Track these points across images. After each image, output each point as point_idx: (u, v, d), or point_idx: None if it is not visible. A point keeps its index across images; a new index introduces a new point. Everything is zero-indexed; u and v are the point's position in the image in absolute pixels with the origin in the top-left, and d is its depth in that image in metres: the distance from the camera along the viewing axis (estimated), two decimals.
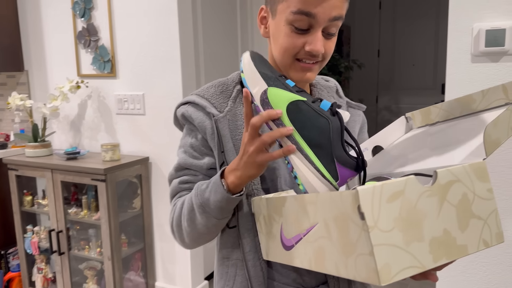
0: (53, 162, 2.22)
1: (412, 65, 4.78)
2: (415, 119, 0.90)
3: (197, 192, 0.80)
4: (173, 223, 0.88)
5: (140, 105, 2.29)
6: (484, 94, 0.76)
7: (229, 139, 0.85)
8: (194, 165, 0.88)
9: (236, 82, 0.92)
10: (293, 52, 0.80)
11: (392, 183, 0.52)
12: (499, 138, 0.60)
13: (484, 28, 1.49)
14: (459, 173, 0.57)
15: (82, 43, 2.38)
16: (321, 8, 0.75)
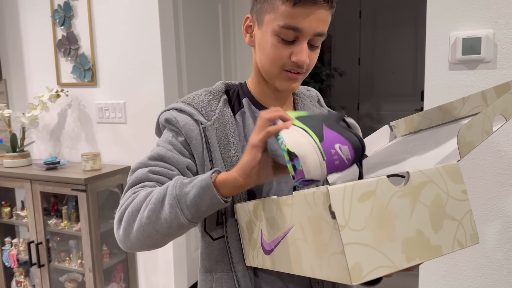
0: (32, 173, 2.17)
1: (392, 72, 4.86)
2: (399, 127, 0.92)
3: (176, 183, 0.75)
4: (125, 211, 0.77)
5: (121, 114, 2.27)
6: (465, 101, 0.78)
7: (217, 147, 0.85)
8: (174, 159, 0.83)
9: (222, 92, 0.92)
10: (280, 63, 0.81)
11: (363, 182, 0.53)
12: (473, 141, 0.61)
13: (460, 37, 1.53)
14: (432, 174, 0.58)
15: (62, 52, 2.35)
16: (307, 23, 0.77)
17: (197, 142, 0.85)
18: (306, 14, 0.77)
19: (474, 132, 0.61)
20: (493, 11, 1.49)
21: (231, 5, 2.95)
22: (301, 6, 0.76)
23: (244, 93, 0.92)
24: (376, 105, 5.02)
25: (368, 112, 5.08)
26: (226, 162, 0.85)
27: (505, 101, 0.65)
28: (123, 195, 0.83)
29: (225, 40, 2.92)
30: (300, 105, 0.96)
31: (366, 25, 4.93)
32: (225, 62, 2.92)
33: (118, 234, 0.79)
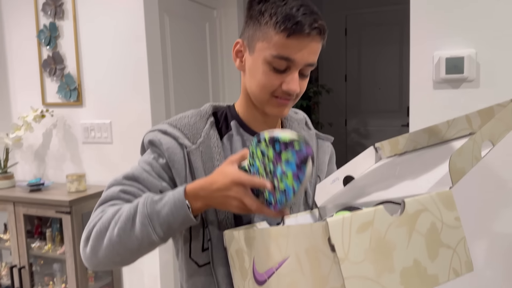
0: (16, 195, 2.13)
1: (378, 88, 4.91)
2: (384, 149, 0.92)
3: (146, 201, 0.74)
4: (93, 229, 0.77)
5: (107, 134, 2.25)
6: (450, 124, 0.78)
7: (202, 171, 0.84)
8: (149, 182, 0.83)
9: (209, 114, 0.91)
10: (271, 90, 0.82)
11: (361, 213, 0.52)
12: (464, 167, 0.61)
13: (444, 56, 1.55)
14: (427, 202, 0.58)
15: (47, 71, 2.33)
16: (300, 54, 0.78)
17: (180, 167, 0.84)
18: (299, 46, 0.77)
19: (464, 159, 0.61)
20: (474, 31, 1.52)
21: (218, 24, 2.97)
22: (294, 38, 0.76)
23: (232, 115, 0.92)
24: (363, 121, 5.06)
25: (356, 128, 5.12)
26: None
27: (492, 127, 0.66)
28: (93, 212, 0.81)
29: (213, 59, 2.93)
30: (288, 127, 0.96)
31: (352, 43, 5.00)
32: (212, 80, 2.93)
33: (84, 252, 0.78)
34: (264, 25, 0.79)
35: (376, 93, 4.93)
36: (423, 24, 1.58)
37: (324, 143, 1.02)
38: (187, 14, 2.65)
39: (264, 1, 0.80)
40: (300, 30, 0.75)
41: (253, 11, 0.81)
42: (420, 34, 1.59)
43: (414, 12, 1.59)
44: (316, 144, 1.00)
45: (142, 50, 2.11)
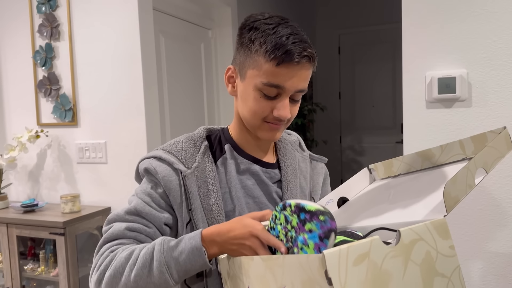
0: (9, 216, 2.10)
1: (372, 106, 4.96)
2: (378, 171, 0.93)
3: (162, 248, 0.74)
4: (104, 272, 0.76)
5: (102, 154, 2.24)
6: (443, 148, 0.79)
7: (197, 196, 0.84)
8: (151, 215, 0.83)
9: (203, 138, 0.92)
10: (262, 116, 0.83)
11: (357, 245, 0.52)
12: (458, 195, 0.61)
13: (436, 76, 1.57)
14: (422, 232, 0.58)
15: (42, 92, 2.33)
16: (290, 82, 0.79)
17: (176, 194, 0.85)
18: (289, 74, 0.78)
19: (458, 187, 0.61)
20: (465, 51, 1.55)
21: (213, 44, 3.00)
22: (284, 67, 0.77)
23: (226, 139, 0.93)
24: (358, 138, 5.09)
25: (351, 145, 5.14)
26: (206, 210, 0.84)
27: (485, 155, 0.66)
28: (98, 249, 0.81)
29: (208, 79, 2.95)
30: (282, 150, 0.97)
31: (345, 61, 5.06)
32: (207, 100, 2.94)
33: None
34: (255, 53, 0.80)
35: (370, 110, 4.97)
36: (415, 45, 1.61)
37: (317, 165, 1.03)
38: (182, 34, 2.68)
39: (254, 29, 0.81)
40: (289, 59, 0.76)
41: (244, 39, 0.82)
42: (412, 54, 1.62)
43: (406, 33, 1.62)
44: (310, 165, 1.01)
45: (137, 70, 2.12)
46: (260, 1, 3.62)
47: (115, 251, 0.78)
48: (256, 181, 0.91)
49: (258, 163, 0.92)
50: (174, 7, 2.58)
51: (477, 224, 1.57)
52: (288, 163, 0.95)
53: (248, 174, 0.90)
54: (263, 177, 0.91)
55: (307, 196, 0.96)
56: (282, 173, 0.93)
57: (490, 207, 1.55)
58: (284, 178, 0.93)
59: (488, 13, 1.51)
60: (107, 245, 0.80)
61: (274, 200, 0.92)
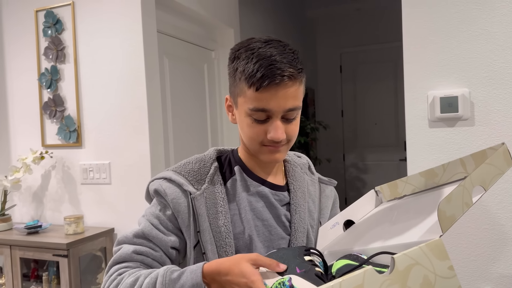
0: (12, 238, 2.10)
1: (375, 124, 4.97)
2: (384, 193, 0.93)
3: (164, 280, 0.75)
4: None
5: (106, 174, 2.25)
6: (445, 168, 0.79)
7: (206, 218, 0.84)
8: (158, 239, 0.84)
9: (213, 159, 0.93)
10: (258, 140, 0.84)
11: (350, 278, 0.51)
12: (454, 214, 0.60)
13: (438, 96, 1.58)
14: (417, 256, 0.56)
15: (47, 114, 2.35)
16: (275, 103, 0.80)
17: (184, 216, 0.85)
18: (271, 95, 0.79)
19: (454, 206, 0.60)
20: (467, 71, 1.56)
21: (216, 65, 3.04)
22: (264, 91, 0.79)
23: (236, 160, 0.94)
24: (361, 155, 5.09)
25: (354, 163, 5.14)
26: (215, 232, 0.84)
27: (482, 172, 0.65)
28: (108, 269, 0.83)
29: (211, 100, 2.97)
30: (291, 172, 0.97)
31: (347, 79, 5.09)
32: (211, 120, 2.96)
33: None
34: (239, 82, 0.83)
35: (373, 128, 4.98)
36: (416, 64, 1.62)
37: (327, 188, 1.03)
38: (186, 56, 2.71)
39: (236, 58, 0.84)
40: (268, 83, 0.78)
41: (230, 69, 0.86)
42: (413, 74, 1.63)
43: (406, 53, 1.63)
44: (319, 188, 1.01)
45: (141, 92, 2.14)
46: (263, 21, 3.68)
47: (122, 274, 0.80)
48: (265, 204, 0.91)
49: (267, 185, 0.92)
50: (177, 29, 2.62)
51: (483, 244, 1.55)
52: (297, 186, 0.95)
53: (257, 196, 0.91)
54: (272, 199, 0.91)
55: (315, 219, 0.96)
56: (291, 195, 0.93)
57: (496, 226, 1.54)
58: (293, 201, 0.93)
59: (488, 33, 1.52)
60: (115, 267, 0.82)
61: (283, 223, 0.91)
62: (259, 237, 0.88)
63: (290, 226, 0.91)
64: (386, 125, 4.89)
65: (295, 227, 0.90)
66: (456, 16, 1.56)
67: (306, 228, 0.92)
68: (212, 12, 2.78)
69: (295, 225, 0.91)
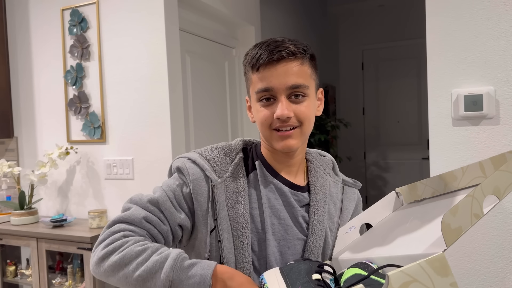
0: (39, 231, 2.16)
1: (397, 122, 4.90)
2: (404, 195, 0.91)
3: (175, 264, 0.74)
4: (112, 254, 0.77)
5: (129, 170, 2.29)
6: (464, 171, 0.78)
7: (224, 206, 0.84)
8: (169, 213, 0.84)
9: (239, 150, 0.93)
10: (267, 123, 0.85)
11: None
12: (461, 227, 0.56)
13: (462, 94, 1.55)
14: (415, 273, 0.52)
15: (72, 110, 2.41)
16: (275, 80, 0.82)
17: (203, 200, 0.85)
18: (271, 73, 0.82)
19: (461, 218, 0.56)
20: (492, 68, 1.53)
21: (237, 62, 3.05)
22: (263, 70, 0.82)
23: (258, 155, 0.94)
24: (383, 154, 5.03)
25: (375, 161, 5.08)
26: (233, 221, 0.84)
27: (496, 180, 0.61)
28: (112, 224, 0.82)
29: (232, 97, 2.99)
30: (313, 173, 0.96)
31: (369, 77, 5.03)
32: (231, 118, 2.98)
33: (98, 267, 0.78)
34: (248, 73, 0.87)
35: (395, 126, 4.91)
36: (440, 62, 1.60)
37: (350, 190, 1.01)
38: (207, 53, 2.73)
39: (246, 55, 0.89)
40: (263, 61, 0.81)
41: (243, 68, 0.90)
42: (437, 72, 1.61)
43: (430, 50, 1.61)
44: (342, 190, 0.99)
45: (164, 89, 2.17)
46: (284, 18, 3.67)
47: (128, 237, 0.79)
48: (283, 202, 0.90)
49: (287, 184, 0.91)
50: (199, 27, 2.64)
51: (507, 246, 1.52)
52: (318, 187, 0.93)
53: (276, 193, 0.90)
54: (291, 199, 0.90)
55: (334, 223, 0.94)
56: (311, 197, 0.92)
57: None
58: (312, 202, 0.91)
59: None
60: (121, 226, 0.81)
61: (300, 224, 0.90)
62: (274, 235, 0.87)
63: (307, 228, 0.90)
64: (409, 123, 4.82)
65: (312, 230, 0.89)
66: (482, 12, 1.53)
67: (324, 231, 0.90)
68: (233, 9, 2.79)
69: (313, 227, 0.89)
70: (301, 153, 0.94)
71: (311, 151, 1.01)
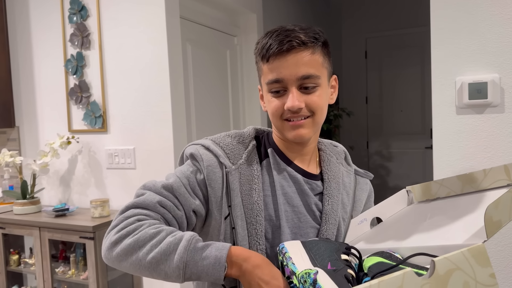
0: (41, 220, 2.17)
1: (400, 111, 4.87)
2: (415, 193, 0.91)
3: (189, 245, 0.74)
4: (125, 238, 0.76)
5: (131, 159, 2.29)
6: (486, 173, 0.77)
7: (238, 193, 0.84)
8: (184, 198, 0.83)
9: (252, 137, 0.93)
10: (278, 114, 0.84)
11: (389, 279, 0.50)
12: (501, 220, 0.57)
13: (466, 81, 1.53)
14: (458, 260, 0.54)
15: (73, 99, 2.40)
16: (286, 71, 0.81)
17: (217, 186, 0.85)
18: (281, 64, 0.81)
19: (501, 211, 0.57)
20: (498, 56, 1.50)
21: (239, 50, 3.02)
22: (273, 60, 0.81)
23: (270, 143, 0.93)
24: (386, 143, 5.01)
25: (378, 150, 5.06)
26: (246, 208, 0.84)
27: None
28: (125, 210, 0.81)
29: (233, 85, 2.97)
30: (326, 162, 0.95)
31: (372, 65, 4.99)
32: (233, 106, 2.96)
33: (109, 253, 0.77)
34: (259, 63, 0.86)
35: (398, 115, 4.88)
36: (444, 49, 1.57)
37: (362, 180, 1.00)
38: (208, 42, 2.71)
39: (256, 44, 0.87)
40: (273, 51, 0.80)
41: (255, 57, 0.89)
42: (441, 59, 1.58)
43: (434, 37, 1.58)
44: (354, 180, 0.99)
45: (165, 78, 2.16)
46: (285, 7, 3.63)
47: (142, 221, 0.78)
48: (297, 190, 0.90)
49: (301, 172, 0.91)
50: (200, 15, 2.61)
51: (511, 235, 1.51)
52: (331, 176, 0.93)
53: (290, 181, 0.90)
54: (304, 186, 0.90)
55: (347, 212, 0.93)
56: (325, 185, 0.91)
57: None
58: (326, 191, 0.91)
59: None
60: (135, 211, 0.80)
61: (313, 212, 0.90)
62: (288, 223, 0.87)
63: (320, 216, 0.89)
64: (412, 112, 4.79)
65: (326, 218, 0.88)
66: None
67: (337, 220, 0.90)
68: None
69: (326, 215, 0.89)
70: (314, 142, 0.94)
71: (323, 141, 1.00)
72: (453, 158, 1.58)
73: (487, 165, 1.53)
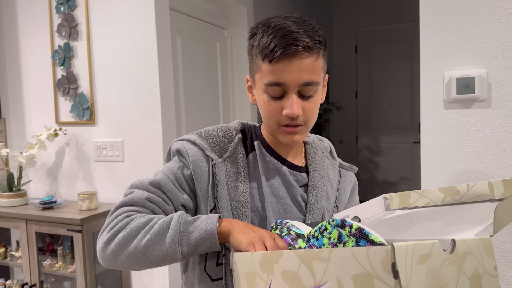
0: (28, 213, 2.15)
1: (390, 105, 4.90)
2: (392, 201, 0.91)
3: (180, 219, 0.75)
4: (117, 233, 0.76)
5: (119, 152, 2.27)
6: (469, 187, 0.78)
7: (225, 185, 0.85)
8: (172, 194, 0.84)
9: (238, 130, 0.93)
10: (275, 119, 0.83)
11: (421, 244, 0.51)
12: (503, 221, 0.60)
13: (454, 76, 1.54)
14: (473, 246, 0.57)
15: (61, 91, 2.37)
16: (289, 76, 0.78)
17: (203, 180, 0.86)
18: (285, 67, 0.77)
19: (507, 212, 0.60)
20: (485, 51, 1.51)
21: (229, 43, 3.01)
22: (278, 62, 0.77)
23: (257, 136, 0.94)
24: (375, 137, 5.04)
25: (367, 145, 5.10)
26: (233, 200, 0.85)
27: None
28: (114, 210, 0.81)
29: (223, 78, 2.96)
30: (312, 155, 0.96)
31: (362, 60, 5.01)
32: (223, 99, 2.95)
33: (104, 253, 0.77)
34: (255, 58, 0.82)
35: (388, 110, 4.92)
36: (433, 44, 1.58)
37: (347, 173, 1.02)
38: (198, 34, 2.69)
39: (253, 35, 0.83)
40: (280, 53, 0.76)
41: (249, 47, 0.85)
42: (430, 54, 1.59)
43: (423, 32, 1.59)
44: (339, 174, 1.00)
45: (154, 70, 2.14)
46: (276, 1, 3.61)
47: (132, 216, 0.79)
48: (282, 182, 0.91)
49: (286, 164, 0.92)
50: (190, 6, 2.59)
51: None
52: (316, 168, 0.94)
53: (275, 173, 0.91)
54: (290, 178, 0.91)
55: (331, 204, 0.95)
56: (310, 177, 0.93)
57: None
58: (311, 182, 0.92)
59: (509, 11, 1.47)
60: (124, 209, 0.81)
61: (299, 203, 0.91)
62: (274, 214, 0.88)
63: (305, 207, 0.91)
64: (401, 107, 4.83)
65: (311, 208, 0.90)
66: None
67: (322, 211, 0.91)
68: None
69: (311, 206, 0.90)
70: None
71: (310, 135, 1.01)
72: (440, 152, 1.59)
73: (474, 159, 1.55)
